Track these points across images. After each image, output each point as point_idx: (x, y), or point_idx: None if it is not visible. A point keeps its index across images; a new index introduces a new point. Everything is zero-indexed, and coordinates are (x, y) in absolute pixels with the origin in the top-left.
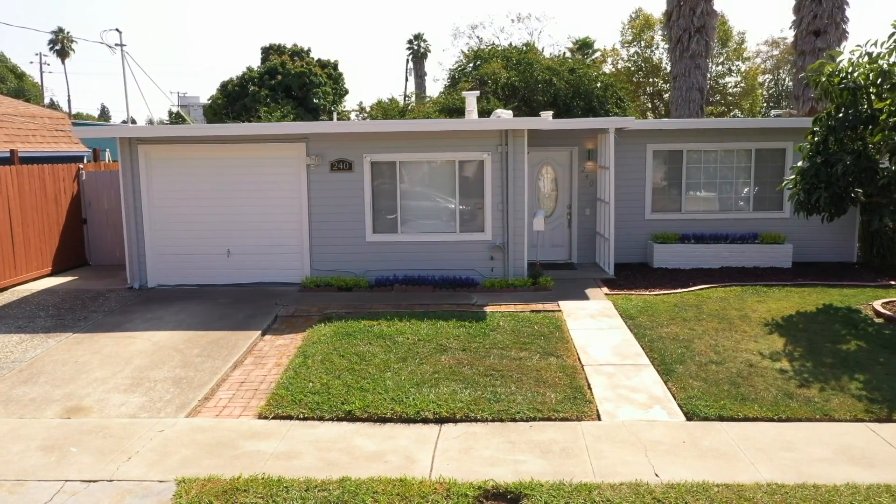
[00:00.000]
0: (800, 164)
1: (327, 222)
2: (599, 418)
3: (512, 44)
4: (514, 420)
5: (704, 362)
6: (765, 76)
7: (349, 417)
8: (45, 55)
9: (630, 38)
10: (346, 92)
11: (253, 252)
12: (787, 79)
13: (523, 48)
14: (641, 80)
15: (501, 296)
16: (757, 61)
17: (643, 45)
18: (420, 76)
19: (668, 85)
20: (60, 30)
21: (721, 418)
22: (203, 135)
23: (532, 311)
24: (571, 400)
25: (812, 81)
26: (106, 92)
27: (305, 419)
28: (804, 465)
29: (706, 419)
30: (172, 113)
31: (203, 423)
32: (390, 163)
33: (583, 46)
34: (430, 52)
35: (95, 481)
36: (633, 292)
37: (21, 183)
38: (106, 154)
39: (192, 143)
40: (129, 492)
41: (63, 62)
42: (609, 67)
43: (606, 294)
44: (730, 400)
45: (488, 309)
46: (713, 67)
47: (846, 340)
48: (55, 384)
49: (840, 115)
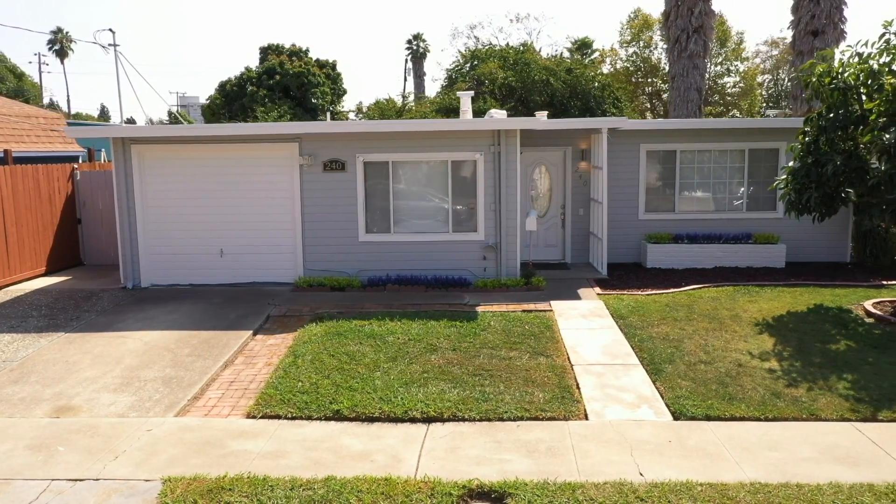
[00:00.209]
0: (791, 165)
1: (320, 222)
2: (587, 418)
3: (509, 44)
4: (502, 420)
5: (694, 362)
6: (764, 76)
7: (337, 417)
8: (44, 55)
9: (629, 39)
10: (345, 92)
11: (246, 252)
12: (787, 79)
13: (520, 48)
14: (640, 81)
15: (493, 296)
16: (756, 61)
17: (642, 46)
18: (419, 76)
19: (667, 85)
20: (59, 30)
21: (708, 418)
22: (196, 135)
23: (523, 311)
24: (559, 399)
25: (802, 81)
26: (105, 92)
27: (293, 418)
28: (789, 465)
29: (693, 419)
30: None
31: (191, 423)
32: (383, 163)
33: (582, 46)
34: (430, 52)
35: (82, 480)
36: (626, 292)
37: (15, 183)
38: (101, 154)
39: (185, 144)
40: (115, 491)
41: (62, 62)
42: (608, 67)
43: (598, 294)
44: (717, 399)
45: (480, 309)
46: (712, 67)
47: (836, 340)
48: (45, 384)
49: (831, 116)
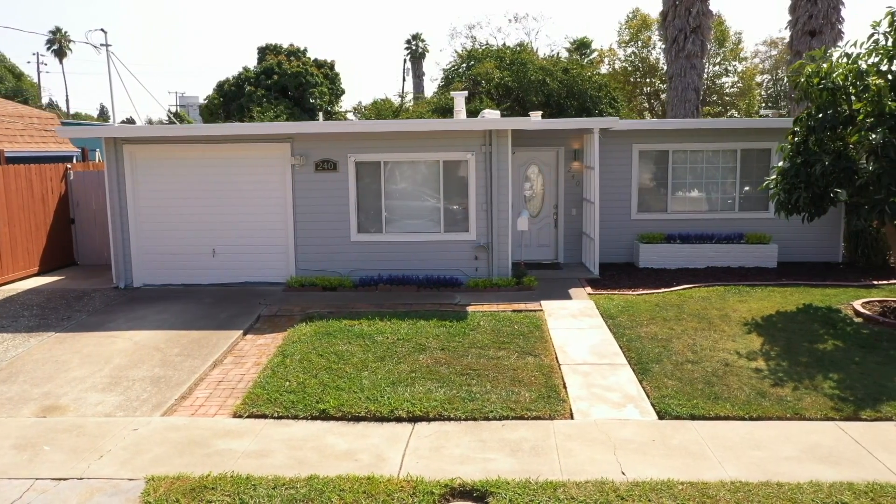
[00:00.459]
0: (780, 165)
1: (312, 222)
2: (572, 417)
3: (506, 44)
4: (488, 419)
5: (681, 361)
6: (763, 76)
7: (323, 416)
8: (43, 55)
9: (627, 39)
10: (343, 92)
11: (238, 252)
12: (785, 79)
13: (517, 48)
14: (639, 81)
15: (485, 295)
16: (755, 61)
17: (640, 46)
18: (418, 76)
19: (665, 85)
20: (58, 30)
21: (693, 417)
22: (188, 135)
23: (514, 311)
24: (545, 399)
25: (791, 82)
26: (105, 92)
27: (280, 418)
28: (770, 464)
29: (678, 418)
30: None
31: (177, 422)
32: (375, 163)
33: (580, 46)
34: (429, 52)
35: (66, 479)
36: (617, 292)
37: (7, 183)
38: (96, 154)
39: (177, 144)
40: (99, 490)
41: (61, 62)
42: (606, 67)
43: (590, 294)
44: (703, 399)
45: (470, 308)
46: (710, 67)
47: (824, 340)
48: (34, 383)
49: (819, 116)
